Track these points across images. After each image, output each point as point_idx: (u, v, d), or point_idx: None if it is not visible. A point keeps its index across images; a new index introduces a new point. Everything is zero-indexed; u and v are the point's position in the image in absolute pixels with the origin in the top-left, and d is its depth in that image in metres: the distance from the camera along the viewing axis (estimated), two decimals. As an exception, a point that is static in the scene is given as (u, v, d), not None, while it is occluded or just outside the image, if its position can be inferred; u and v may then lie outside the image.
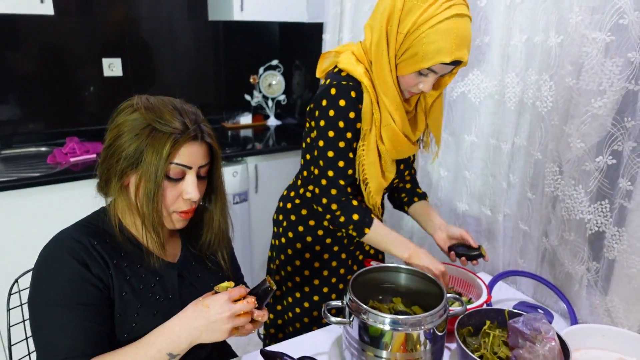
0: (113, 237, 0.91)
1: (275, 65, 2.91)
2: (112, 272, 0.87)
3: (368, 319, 0.98)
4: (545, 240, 1.36)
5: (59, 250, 0.85)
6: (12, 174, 1.98)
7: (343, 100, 1.14)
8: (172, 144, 0.83)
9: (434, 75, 1.09)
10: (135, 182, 0.86)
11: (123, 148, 0.84)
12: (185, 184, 0.88)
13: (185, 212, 0.92)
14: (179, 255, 1.01)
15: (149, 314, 0.90)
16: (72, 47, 2.36)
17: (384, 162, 1.21)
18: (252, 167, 2.41)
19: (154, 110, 0.85)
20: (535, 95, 1.32)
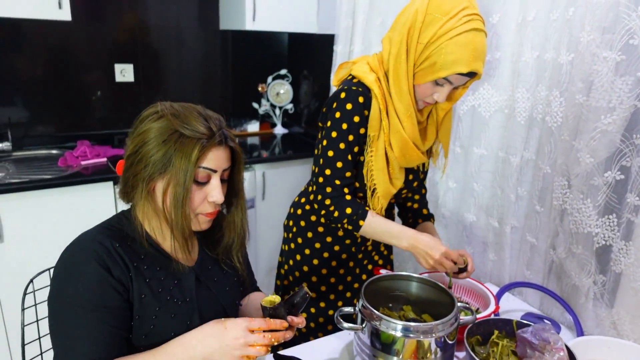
0: (134, 240, 0.92)
1: (284, 75, 2.94)
2: (132, 275, 0.89)
3: (380, 326, 0.99)
4: (553, 252, 1.38)
5: (83, 253, 0.86)
6: (24, 175, 2.00)
7: (350, 104, 1.18)
8: (200, 148, 0.86)
9: (449, 86, 1.12)
10: (162, 187, 0.88)
11: (151, 154, 0.86)
12: (210, 187, 0.91)
13: (210, 214, 0.94)
14: (197, 259, 1.02)
15: (167, 316, 0.91)
16: (86, 52, 2.40)
17: (392, 169, 1.24)
18: (259, 174, 2.43)
19: (180, 116, 0.88)
20: (545, 110, 1.34)
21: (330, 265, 1.37)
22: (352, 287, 1.41)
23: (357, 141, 1.21)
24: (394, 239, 1.22)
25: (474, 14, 1.07)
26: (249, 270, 1.21)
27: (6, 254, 1.88)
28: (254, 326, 0.85)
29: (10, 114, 2.28)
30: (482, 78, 1.53)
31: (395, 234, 1.22)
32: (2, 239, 1.86)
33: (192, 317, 0.95)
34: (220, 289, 1.03)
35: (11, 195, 1.84)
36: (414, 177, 1.34)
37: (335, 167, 1.21)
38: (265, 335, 0.86)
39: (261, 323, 0.86)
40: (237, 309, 1.09)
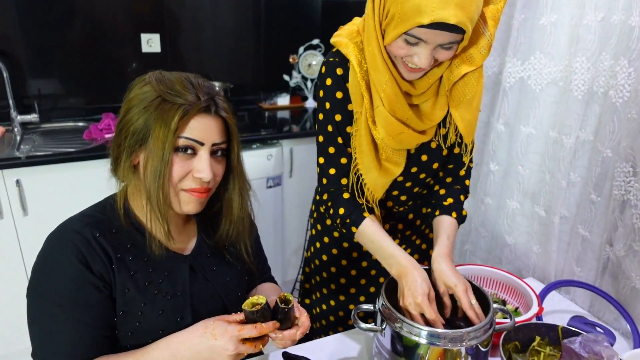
0: (120, 228, 0.85)
1: (316, 45, 2.80)
2: (115, 268, 0.81)
3: (402, 329, 0.88)
4: (609, 249, 1.21)
5: (61, 245, 0.80)
6: (49, 148, 1.99)
7: (329, 79, 1.02)
8: (181, 115, 0.77)
9: (425, 45, 0.88)
10: (144, 159, 0.80)
11: (132, 122, 0.79)
12: (196, 160, 0.81)
13: (197, 191, 0.83)
14: (194, 247, 0.94)
15: (154, 312, 0.84)
16: (113, 22, 2.34)
17: (383, 153, 1.04)
18: (287, 150, 2.33)
19: (165, 82, 0.80)
20: (609, 83, 1.16)
21: (351, 256, 1.25)
22: (377, 281, 1.28)
23: (347, 120, 1.04)
24: (385, 261, 1.01)
25: None
26: (261, 258, 1.11)
27: (30, 226, 1.88)
28: (244, 335, 0.77)
29: (40, 86, 2.27)
30: (534, 45, 1.34)
31: (387, 256, 1.00)
32: (27, 212, 1.85)
33: (184, 313, 0.88)
34: (219, 280, 0.95)
35: (35, 169, 1.82)
36: (433, 158, 1.09)
37: (327, 154, 1.06)
38: (256, 345, 0.78)
39: (252, 331, 0.77)
40: (239, 301, 0.99)
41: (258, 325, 0.78)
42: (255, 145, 2.24)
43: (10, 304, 1.93)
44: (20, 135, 2.12)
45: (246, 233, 0.97)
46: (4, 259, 1.87)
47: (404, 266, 0.96)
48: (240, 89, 2.74)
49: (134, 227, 0.86)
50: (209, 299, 0.93)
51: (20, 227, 1.86)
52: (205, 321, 0.80)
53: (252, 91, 2.81)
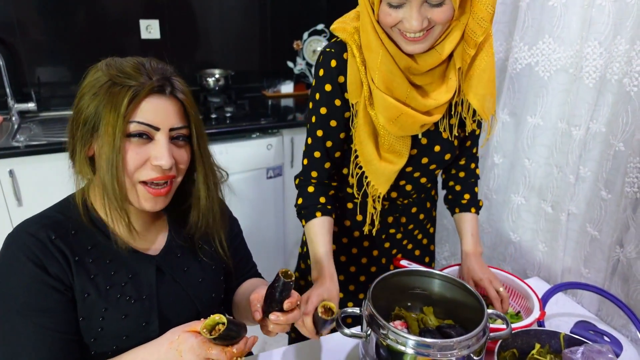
0: (80, 228, 0.80)
1: (321, 30, 2.73)
2: (74, 270, 0.77)
3: (388, 336, 0.83)
4: (619, 249, 1.15)
5: (14, 249, 0.77)
6: (45, 137, 1.97)
7: (322, 70, 1.01)
8: (130, 97, 0.73)
9: (408, 5, 0.85)
10: (98, 149, 0.76)
11: (82, 110, 0.76)
12: (152, 146, 0.77)
13: (156, 186, 0.79)
14: (163, 247, 0.89)
15: (117, 317, 0.80)
16: (110, 8, 2.30)
17: (383, 141, 0.99)
18: (287, 140, 2.28)
19: (116, 66, 0.77)
20: (624, 70, 1.10)
21: (350, 252, 1.21)
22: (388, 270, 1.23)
23: (332, 114, 1.02)
24: (312, 262, 1.02)
25: None
26: (242, 254, 1.07)
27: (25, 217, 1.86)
28: (211, 356, 0.72)
29: (40, 74, 2.26)
30: (542, 28, 1.27)
31: (315, 260, 1.01)
32: (21, 202, 1.84)
33: (150, 317, 0.83)
34: (190, 282, 0.90)
35: (25, 159, 1.81)
36: (445, 149, 1.07)
37: (306, 144, 1.07)
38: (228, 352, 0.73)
39: (219, 355, 0.72)
40: (212, 303, 0.95)
41: (228, 351, 0.73)
42: (254, 134, 2.19)
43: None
44: (17, 124, 2.11)
45: (218, 224, 0.92)
46: (-1, 250, 1.87)
47: (321, 275, 0.97)
48: (243, 77, 2.69)
49: (95, 227, 0.81)
50: (178, 302, 0.89)
51: (15, 218, 1.85)
52: (172, 332, 0.76)
53: (254, 78, 2.76)
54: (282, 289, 0.77)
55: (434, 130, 1.03)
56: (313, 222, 1.04)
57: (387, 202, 1.14)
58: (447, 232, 1.83)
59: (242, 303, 0.99)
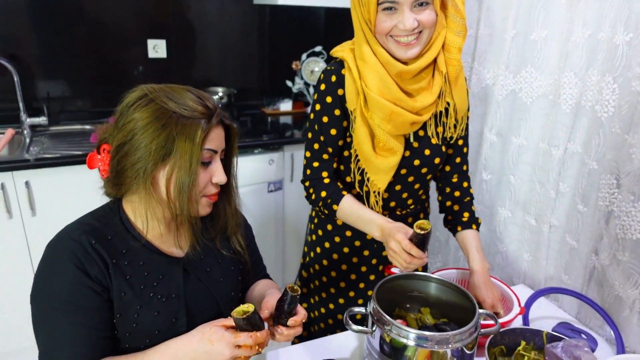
0: (116, 234, 0.89)
1: (319, 52, 2.84)
2: (111, 272, 0.86)
3: (391, 331, 0.92)
4: (595, 257, 1.25)
5: (59, 253, 0.84)
6: (58, 150, 2.04)
7: (324, 84, 1.15)
8: (202, 129, 0.83)
9: (401, 7, 1.00)
10: (166, 174, 0.84)
11: (149, 141, 0.82)
12: (213, 168, 0.89)
13: (214, 196, 0.92)
14: (187, 250, 0.98)
15: (150, 314, 0.89)
16: (120, 27, 2.39)
17: (378, 140, 1.12)
18: (288, 155, 2.37)
19: (174, 98, 0.84)
20: (596, 98, 1.20)
21: (351, 261, 1.30)
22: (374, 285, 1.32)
23: (332, 123, 1.15)
24: (366, 227, 1.13)
25: None
26: (255, 256, 1.16)
27: (38, 227, 1.93)
28: (239, 342, 0.81)
29: (50, 89, 2.33)
30: (525, 59, 1.38)
31: (367, 220, 1.12)
32: (35, 213, 1.91)
33: (179, 314, 0.92)
34: (212, 281, 0.99)
35: (43, 170, 1.88)
36: (435, 153, 1.18)
37: (312, 149, 1.19)
38: (253, 348, 0.82)
39: (247, 339, 0.82)
40: (233, 301, 1.04)
41: (253, 334, 0.82)
42: (257, 150, 2.29)
43: (18, 300, 1.99)
44: (29, 138, 2.18)
45: (239, 227, 1.05)
46: (12, 258, 1.92)
47: (383, 225, 1.08)
48: (243, 95, 2.79)
49: (128, 232, 0.90)
50: (203, 300, 0.97)
51: (29, 227, 1.91)
52: (202, 326, 0.85)
53: (255, 96, 2.85)
54: (289, 302, 0.87)
55: (423, 136, 1.17)
56: (345, 200, 1.16)
57: (387, 212, 1.23)
58: (440, 244, 1.92)
59: (254, 302, 1.07)
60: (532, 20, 1.33)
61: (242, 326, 0.83)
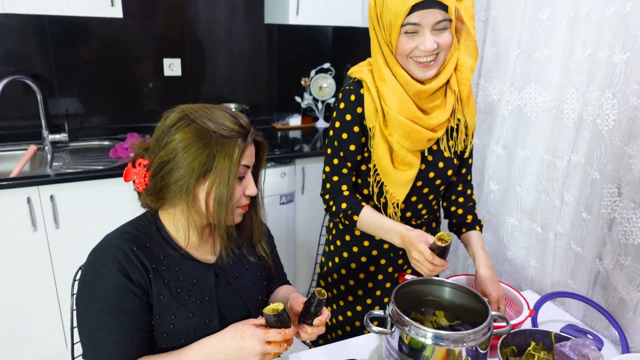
0: (154, 242, 0.96)
1: (327, 69, 2.94)
2: (151, 277, 0.92)
3: (410, 332, 0.98)
4: (599, 263, 1.31)
5: (104, 258, 0.91)
6: (78, 165, 2.12)
7: (343, 103, 1.21)
8: (240, 147, 0.90)
9: (423, 28, 1.08)
10: (206, 188, 0.91)
11: (192, 159, 0.89)
12: (246, 181, 0.96)
13: (245, 206, 0.99)
14: (218, 256, 1.05)
15: (186, 315, 0.95)
16: (137, 47, 2.49)
17: (396, 155, 1.19)
18: (299, 168, 2.45)
19: (213, 118, 0.91)
20: (596, 112, 1.27)
21: (368, 270, 1.36)
22: (390, 292, 1.39)
23: (352, 139, 1.22)
24: (387, 236, 1.18)
25: None
26: (277, 263, 1.23)
27: (62, 239, 2.00)
28: (269, 338, 0.88)
29: (68, 106, 2.42)
30: (529, 76, 1.46)
31: (387, 229, 1.18)
32: (58, 226, 1.98)
33: (212, 315, 0.98)
34: (241, 285, 1.06)
35: (66, 185, 1.96)
36: (447, 165, 1.26)
37: (332, 164, 1.25)
38: (281, 344, 0.89)
39: (276, 335, 0.88)
40: (259, 304, 1.11)
41: (282, 331, 0.89)
42: (270, 163, 2.36)
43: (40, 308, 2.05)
44: (50, 154, 2.26)
45: (264, 235, 1.13)
46: (35, 268, 1.99)
47: (403, 233, 1.14)
48: (254, 110, 2.88)
49: (164, 240, 0.97)
50: (233, 303, 1.04)
51: (52, 239, 1.99)
52: (234, 325, 0.92)
53: (265, 111, 2.95)
54: (317, 304, 0.95)
55: (437, 149, 1.24)
56: (364, 211, 1.21)
57: (404, 222, 1.29)
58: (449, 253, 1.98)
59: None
60: (535, 40, 1.41)
61: (273, 323, 0.90)
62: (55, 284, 2.04)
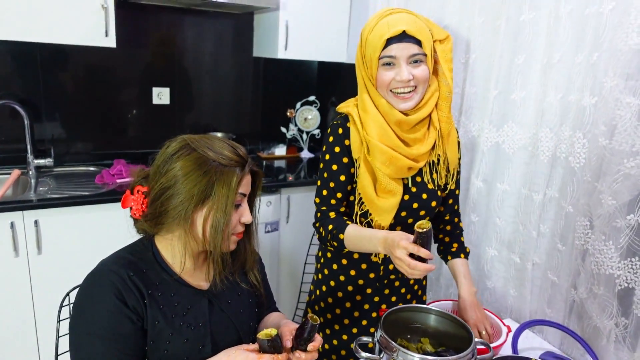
0: (150, 268, 0.98)
1: (312, 101, 3.03)
2: (147, 302, 0.94)
3: (398, 357, 1.01)
4: (574, 292, 1.38)
5: (100, 283, 0.92)
6: (63, 191, 2.11)
7: (332, 137, 1.29)
8: (237, 176, 0.94)
9: (398, 62, 1.16)
10: (204, 215, 0.94)
11: (192, 186, 0.92)
12: (242, 209, 0.99)
13: (240, 234, 1.02)
14: (211, 283, 1.06)
15: (180, 341, 0.96)
16: (127, 76, 2.53)
17: (380, 183, 1.24)
18: (284, 197, 2.49)
19: (212, 148, 0.95)
20: (569, 150, 1.36)
21: (355, 299, 1.39)
22: (376, 322, 1.42)
23: (341, 170, 1.28)
24: (370, 245, 1.18)
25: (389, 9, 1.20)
26: (268, 290, 1.25)
27: (44, 266, 1.97)
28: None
29: (53, 131, 2.42)
30: (507, 115, 1.55)
31: (368, 239, 1.18)
32: (41, 251, 1.96)
33: (205, 341, 1.00)
34: (233, 312, 1.08)
35: (51, 210, 1.94)
36: (431, 197, 1.30)
37: (321, 195, 1.30)
38: None
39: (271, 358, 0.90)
40: (251, 331, 1.13)
41: (275, 356, 0.91)
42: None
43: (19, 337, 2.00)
44: (35, 179, 2.24)
45: (256, 262, 1.15)
46: (14, 295, 1.95)
47: (384, 237, 1.13)
48: (240, 140, 2.90)
49: (160, 267, 0.99)
50: (225, 329, 1.05)
51: (33, 265, 1.95)
52: (227, 350, 0.93)
53: (251, 141, 2.99)
54: (310, 330, 0.96)
55: (420, 181, 1.30)
56: (349, 228, 1.23)
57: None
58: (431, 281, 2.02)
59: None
60: (512, 82, 1.52)
61: (266, 348, 0.92)
62: (34, 311, 2.00)
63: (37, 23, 1.97)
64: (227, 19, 2.73)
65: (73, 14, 2.01)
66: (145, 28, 2.53)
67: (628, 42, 1.14)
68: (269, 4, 2.42)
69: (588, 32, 1.28)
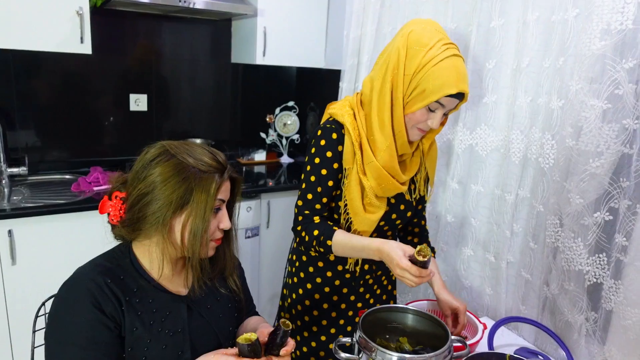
0: (127, 274, 0.97)
1: (291, 106, 3.05)
2: (125, 309, 0.93)
3: (376, 357, 1.03)
4: (546, 288, 1.42)
5: (77, 291, 0.91)
6: (38, 199, 2.07)
7: (323, 140, 1.26)
8: (217, 182, 0.94)
9: (441, 110, 1.18)
10: (182, 221, 0.94)
11: (170, 192, 0.92)
12: (221, 215, 0.99)
13: (218, 240, 1.02)
14: (190, 288, 1.06)
15: (159, 347, 0.96)
16: (103, 82, 2.51)
17: (367, 198, 1.26)
18: (264, 203, 2.49)
19: (193, 154, 0.96)
20: (539, 152, 1.41)
21: (332, 299, 1.40)
22: (354, 321, 1.43)
23: (330, 175, 1.26)
24: (363, 253, 1.21)
25: (450, 43, 1.16)
26: (247, 294, 1.25)
27: (18, 276, 1.94)
28: None
29: (28, 139, 2.38)
30: (480, 118, 1.60)
31: (360, 249, 1.20)
32: (15, 262, 1.92)
33: (184, 347, 0.99)
34: (213, 317, 1.08)
35: (25, 219, 1.91)
36: (407, 207, 1.36)
37: (306, 199, 1.28)
38: None
39: None
40: (230, 335, 1.13)
41: None
42: (235, 198, 2.39)
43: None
44: (8, 188, 2.20)
45: (236, 268, 1.15)
46: (-12, 307, 1.91)
47: (379, 248, 1.15)
48: (220, 145, 2.91)
49: (138, 273, 0.99)
50: (205, 334, 1.05)
51: (7, 276, 1.91)
52: (206, 355, 0.92)
53: (230, 147, 2.99)
54: (282, 335, 0.96)
55: (399, 194, 1.34)
56: (337, 234, 1.23)
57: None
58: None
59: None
60: (484, 86, 1.56)
61: (246, 353, 0.91)
62: (8, 322, 1.95)
63: (10, 29, 1.94)
64: (204, 25, 2.74)
65: (47, 20, 1.99)
66: (122, 34, 2.51)
67: (591, 47, 1.19)
68: (246, 10, 2.43)
69: (554, 37, 1.33)
